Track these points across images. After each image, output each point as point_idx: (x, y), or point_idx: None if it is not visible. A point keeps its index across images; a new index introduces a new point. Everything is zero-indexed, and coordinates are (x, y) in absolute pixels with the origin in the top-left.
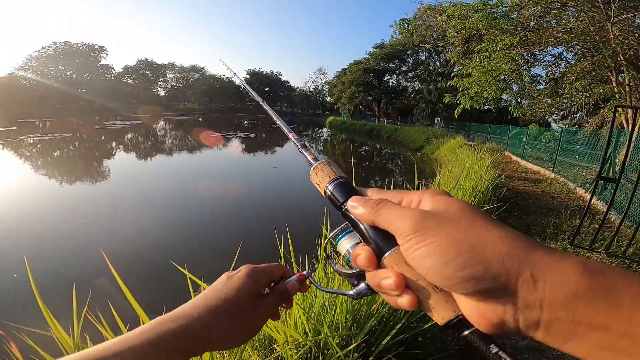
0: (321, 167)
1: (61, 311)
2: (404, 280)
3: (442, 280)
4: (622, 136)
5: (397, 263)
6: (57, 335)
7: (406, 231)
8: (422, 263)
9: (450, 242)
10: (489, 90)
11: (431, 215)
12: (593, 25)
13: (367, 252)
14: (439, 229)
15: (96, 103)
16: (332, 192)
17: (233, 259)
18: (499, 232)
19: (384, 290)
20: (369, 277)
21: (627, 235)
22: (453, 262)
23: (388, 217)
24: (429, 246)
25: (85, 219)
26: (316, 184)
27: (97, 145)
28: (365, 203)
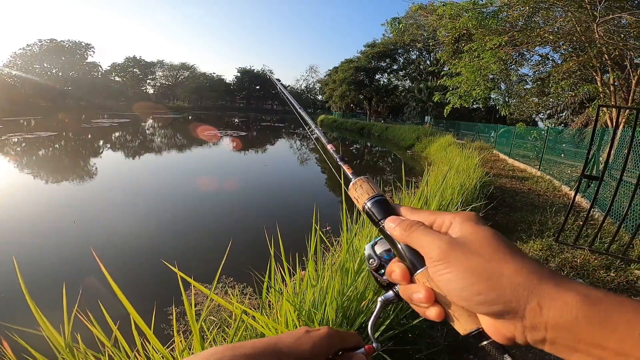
0: (360, 184)
1: (52, 310)
2: (433, 295)
3: (460, 301)
4: (606, 135)
5: (428, 279)
6: (47, 334)
7: (433, 257)
8: (445, 286)
9: (470, 271)
10: (478, 90)
11: (457, 244)
12: (579, 25)
13: (401, 269)
14: (462, 258)
15: (83, 101)
16: (370, 208)
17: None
18: (517, 263)
19: (415, 303)
20: (402, 289)
21: (610, 231)
22: (470, 288)
23: (419, 240)
24: (451, 274)
25: (73, 219)
26: (354, 198)
27: (83, 144)
28: (400, 224)
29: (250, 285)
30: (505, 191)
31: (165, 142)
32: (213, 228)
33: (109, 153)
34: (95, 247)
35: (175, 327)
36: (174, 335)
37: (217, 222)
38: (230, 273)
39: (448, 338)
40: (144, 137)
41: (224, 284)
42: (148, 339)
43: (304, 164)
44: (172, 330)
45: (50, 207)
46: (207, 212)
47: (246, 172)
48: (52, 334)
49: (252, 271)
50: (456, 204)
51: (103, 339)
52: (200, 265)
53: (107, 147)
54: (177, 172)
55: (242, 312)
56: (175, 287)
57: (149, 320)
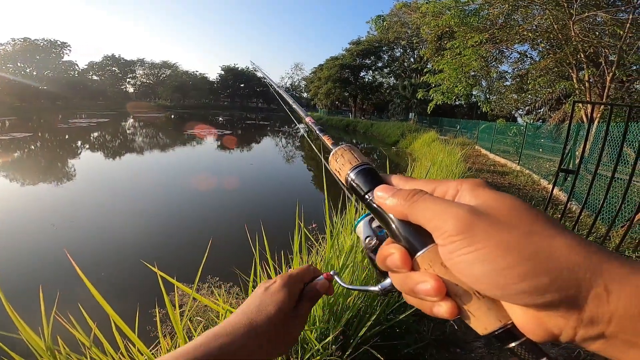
0: (341, 153)
1: (30, 314)
2: (444, 285)
3: (492, 290)
4: (582, 130)
5: (432, 264)
6: (26, 337)
7: (449, 231)
8: (467, 269)
9: (508, 248)
10: (460, 86)
11: (481, 213)
12: (557, 23)
13: (401, 252)
14: (491, 231)
15: (59, 101)
16: (354, 180)
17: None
18: (566, 238)
19: (419, 296)
20: (399, 279)
21: (587, 224)
22: (510, 271)
23: (426, 211)
24: (478, 252)
25: (51, 221)
26: (335, 171)
27: (60, 145)
28: (396, 193)
29: (236, 284)
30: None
31: (146, 142)
32: (198, 228)
33: (87, 154)
34: (76, 250)
35: (160, 328)
36: (159, 337)
37: (202, 222)
38: (216, 272)
39: (435, 332)
40: (124, 137)
41: (210, 284)
42: (132, 341)
43: (290, 161)
44: (158, 332)
45: (26, 210)
46: (191, 212)
47: (231, 171)
48: (31, 337)
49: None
50: None
51: (83, 339)
52: (185, 265)
53: (85, 148)
54: (159, 172)
55: (228, 312)
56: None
57: (133, 322)
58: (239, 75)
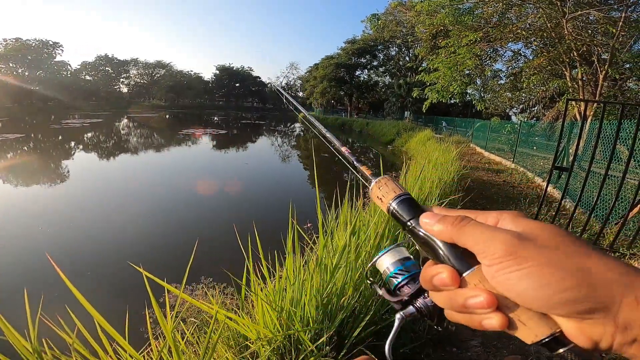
0: (385, 182)
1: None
2: (495, 298)
3: (535, 302)
4: (575, 128)
5: (480, 281)
6: (12, 340)
7: (497, 253)
8: (515, 285)
9: (551, 265)
10: (455, 85)
11: (526, 238)
12: (550, 21)
13: (450, 271)
14: (536, 253)
15: (51, 101)
16: (396, 209)
17: (201, 256)
18: (601, 258)
19: (471, 310)
20: (446, 296)
21: (582, 221)
22: (552, 285)
23: (474, 236)
24: (524, 270)
25: (40, 223)
26: (377, 199)
27: (53, 146)
28: (443, 219)
29: (230, 285)
30: (482, 183)
31: (141, 142)
32: (192, 229)
33: (80, 155)
34: (60, 251)
35: (151, 331)
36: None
37: (197, 223)
38: (210, 273)
39: (431, 331)
40: (117, 137)
41: (203, 285)
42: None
43: (285, 161)
44: (149, 334)
45: (14, 211)
46: (186, 212)
47: (227, 171)
48: (17, 340)
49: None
50: (434, 197)
51: (70, 341)
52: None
53: (78, 149)
54: (153, 172)
55: (221, 314)
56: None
57: (124, 324)
58: (234, 74)
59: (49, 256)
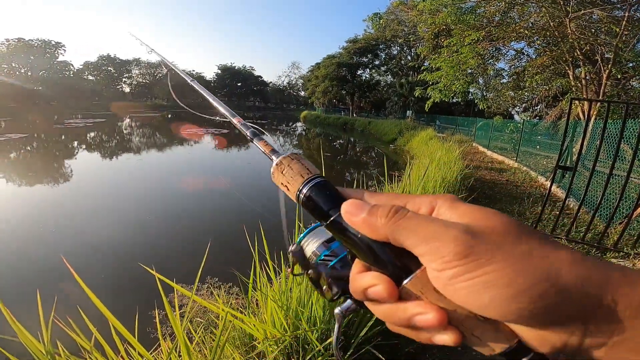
0: (288, 163)
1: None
2: (446, 314)
3: (502, 314)
4: (579, 127)
5: (424, 290)
6: (25, 341)
7: (448, 256)
8: (473, 296)
9: (516, 270)
10: (457, 84)
11: (477, 234)
12: (553, 20)
13: (386, 282)
14: (494, 252)
15: (54, 101)
16: (309, 195)
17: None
18: (567, 253)
19: (418, 326)
20: (385, 311)
21: (585, 220)
22: (524, 294)
23: (414, 233)
24: (485, 277)
25: (47, 223)
26: (282, 188)
27: (56, 146)
28: (373, 211)
29: (236, 285)
30: (485, 183)
31: (143, 142)
32: (196, 229)
33: (83, 154)
34: (74, 253)
35: (160, 331)
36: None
37: (201, 223)
38: (216, 273)
39: None
40: (120, 137)
41: (209, 285)
42: (132, 344)
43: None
44: (159, 334)
45: (22, 212)
46: (190, 212)
47: (230, 170)
48: (29, 341)
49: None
50: None
51: (83, 343)
52: (184, 267)
53: (81, 149)
54: (158, 172)
55: (229, 314)
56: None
57: (133, 325)
58: (235, 74)
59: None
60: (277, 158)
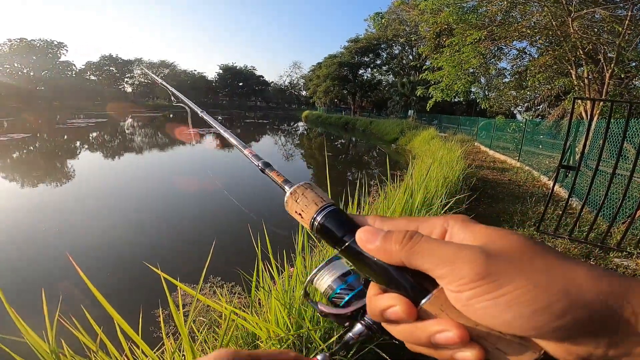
0: (302, 192)
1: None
2: (467, 331)
3: (526, 331)
4: (582, 126)
5: (444, 308)
6: (30, 341)
7: (467, 277)
8: (495, 315)
9: (537, 288)
10: (459, 83)
11: (493, 255)
12: (555, 20)
13: (404, 302)
14: (513, 272)
15: (56, 101)
16: (322, 226)
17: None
18: (584, 269)
19: (439, 345)
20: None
21: (588, 220)
22: (546, 310)
23: (430, 257)
24: (507, 296)
25: (51, 223)
26: (296, 215)
27: (59, 145)
28: (387, 238)
29: (238, 284)
30: (487, 182)
31: (145, 142)
32: (198, 228)
33: (86, 154)
34: (76, 253)
35: (164, 329)
36: (163, 338)
37: (203, 222)
38: (218, 273)
39: None
40: (122, 137)
41: (211, 284)
42: (136, 342)
43: (289, 159)
44: (162, 333)
45: (26, 211)
46: (191, 211)
47: (231, 169)
48: (34, 340)
49: (238, 270)
50: (440, 196)
51: (88, 342)
52: (187, 265)
53: (84, 148)
54: (158, 172)
55: (231, 313)
56: (162, 289)
57: (136, 324)
58: (237, 74)
59: (70, 257)
60: (291, 187)
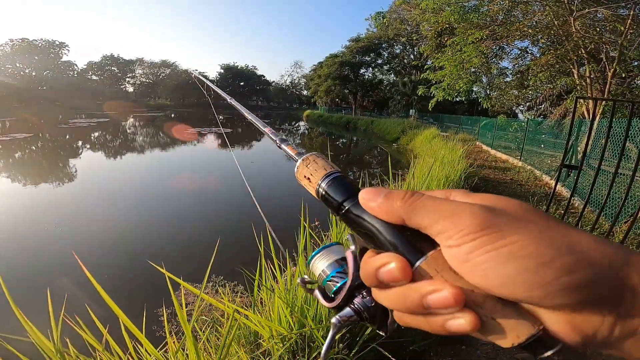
0: (313, 159)
1: (38, 316)
2: (463, 291)
3: (528, 290)
4: (584, 126)
5: (439, 270)
6: (35, 340)
7: (467, 228)
8: (495, 269)
9: (542, 240)
10: (461, 83)
11: (497, 210)
12: (557, 19)
13: (399, 260)
14: (515, 225)
15: (59, 101)
16: (327, 190)
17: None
18: (587, 234)
19: (431, 309)
20: (396, 294)
21: (590, 220)
22: (550, 266)
23: (431, 212)
24: (509, 247)
25: (54, 222)
26: (304, 182)
27: (61, 145)
28: (389, 195)
29: (241, 283)
30: (489, 182)
31: (147, 141)
32: (200, 227)
33: (88, 153)
34: (79, 251)
35: (168, 328)
36: (166, 337)
37: (204, 221)
38: (220, 272)
39: None
40: (124, 136)
41: (214, 283)
42: (140, 341)
43: (289, 159)
44: (165, 332)
45: (29, 211)
46: (193, 210)
47: (232, 169)
48: (40, 340)
49: (241, 269)
50: None
51: (93, 342)
52: (189, 264)
53: (86, 148)
54: (160, 171)
55: (234, 311)
56: (165, 288)
57: (140, 323)
58: (238, 73)
59: (75, 255)
60: (301, 157)
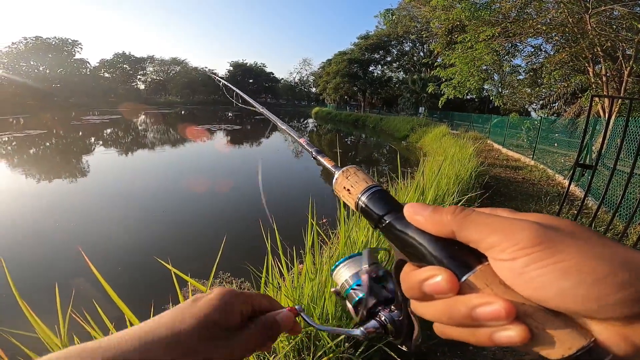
0: (354, 172)
1: (45, 312)
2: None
3: (583, 304)
4: (599, 124)
5: (489, 283)
6: (42, 335)
7: (522, 243)
8: (549, 284)
9: (596, 257)
10: (472, 80)
11: (550, 227)
12: (572, 16)
13: (447, 273)
14: (570, 241)
15: (72, 98)
16: (367, 203)
17: (218, 252)
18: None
19: (480, 322)
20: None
21: (605, 220)
22: (606, 281)
23: (483, 226)
24: (564, 263)
25: (64, 218)
26: (343, 193)
27: (74, 142)
28: (438, 209)
29: (247, 280)
30: (500, 180)
31: (157, 138)
32: (208, 224)
33: (100, 150)
34: (86, 247)
35: None
36: None
37: (213, 218)
38: (227, 268)
39: None
40: (135, 133)
41: (221, 280)
42: None
43: (298, 156)
44: None
45: (40, 206)
46: (201, 207)
47: (241, 166)
48: (47, 335)
49: (248, 266)
50: (452, 194)
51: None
52: (197, 261)
53: (98, 144)
54: (170, 168)
55: None
56: (172, 285)
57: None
58: (247, 71)
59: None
60: (339, 170)
